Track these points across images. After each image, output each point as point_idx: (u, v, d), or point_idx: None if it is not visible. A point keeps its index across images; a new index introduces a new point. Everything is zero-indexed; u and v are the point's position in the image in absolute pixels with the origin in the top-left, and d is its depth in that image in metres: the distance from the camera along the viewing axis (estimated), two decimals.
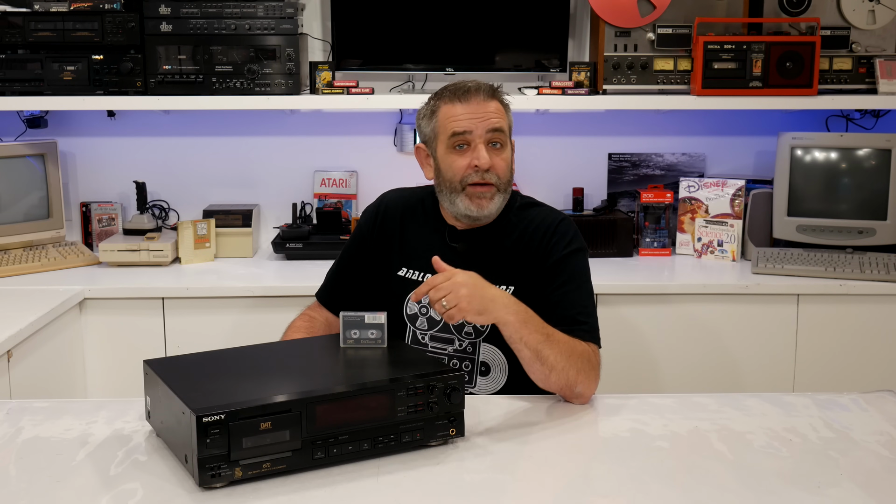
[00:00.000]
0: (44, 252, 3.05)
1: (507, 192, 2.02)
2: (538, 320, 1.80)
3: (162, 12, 2.96)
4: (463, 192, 1.97)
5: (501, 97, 2.01)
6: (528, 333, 1.77)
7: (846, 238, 3.03)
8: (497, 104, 1.98)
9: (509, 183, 2.01)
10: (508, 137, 2.00)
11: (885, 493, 1.44)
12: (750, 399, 1.84)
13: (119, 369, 2.80)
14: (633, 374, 2.85)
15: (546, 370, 1.78)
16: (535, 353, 1.77)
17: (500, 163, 1.97)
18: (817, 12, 3.01)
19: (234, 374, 1.61)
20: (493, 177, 1.96)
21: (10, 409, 1.78)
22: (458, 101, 1.95)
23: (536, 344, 1.77)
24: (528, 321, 1.78)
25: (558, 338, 1.80)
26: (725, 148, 3.40)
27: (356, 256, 2.16)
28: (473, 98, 1.95)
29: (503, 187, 1.99)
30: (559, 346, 1.78)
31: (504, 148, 1.98)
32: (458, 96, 1.96)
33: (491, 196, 1.97)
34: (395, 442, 1.54)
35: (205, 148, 3.38)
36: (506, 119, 1.99)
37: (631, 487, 1.46)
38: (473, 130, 1.94)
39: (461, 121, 1.95)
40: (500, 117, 1.97)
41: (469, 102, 1.95)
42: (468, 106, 1.95)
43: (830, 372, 2.86)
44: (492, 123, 1.95)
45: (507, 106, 2.02)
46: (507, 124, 1.99)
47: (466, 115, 1.95)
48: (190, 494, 1.42)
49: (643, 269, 3.05)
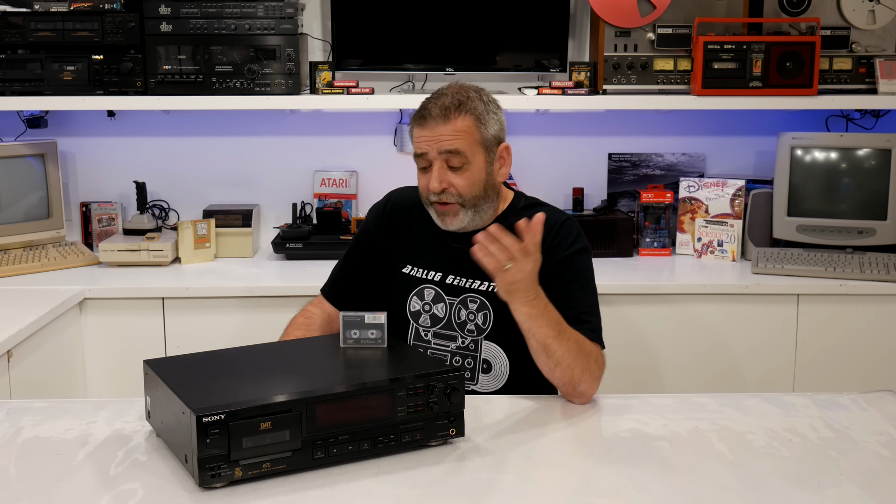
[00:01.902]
0: (44, 252, 3.05)
1: (483, 204, 2.01)
2: (553, 316, 1.81)
3: (162, 12, 2.96)
4: (432, 206, 2.02)
5: (471, 110, 1.96)
6: (538, 327, 1.78)
7: (846, 238, 3.03)
8: (461, 122, 1.94)
9: (481, 197, 2.00)
10: (478, 152, 1.97)
11: (885, 493, 1.44)
12: (750, 399, 1.84)
13: (119, 369, 2.80)
14: (634, 374, 2.85)
15: (552, 363, 1.79)
16: (543, 346, 1.79)
17: (459, 181, 1.96)
18: (817, 12, 3.01)
19: (234, 374, 1.61)
20: (450, 196, 1.98)
21: (10, 409, 1.78)
22: (417, 123, 1.99)
23: (544, 338, 1.78)
24: (542, 315, 1.79)
25: (569, 335, 1.82)
26: (725, 148, 3.40)
27: (362, 253, 2.18)
28: (430, 122, 1.96)
29: (470, 203, 1.99)
30: (568, 344, 1.80)
31: (465, 167, 1.96)
32: (417, 119, 1.99)
33: (454, 213, 1.99)
34: (395, 442, 1.54)
35: (205, 148, 3.38)
36: (471, 135, 1.95)
37: (631, 487, 1.46)
38: (428, 153, 1.97)
39: (420, 143, 1.98)
40: (458, 137, 1.94)
41: (425, 126, 1.97)
42: (424, 129, 1.97)
43: (830, 372, 2.86)
44: (444, 146, 1.95)
45: (483, 116, 1.97)
46: (469, 141, 1.95)
47: (424, 137, 1.97)
48: (190, 494, 1.42)
49: (643, 269, 3.05)
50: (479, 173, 1.98)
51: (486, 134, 1.98)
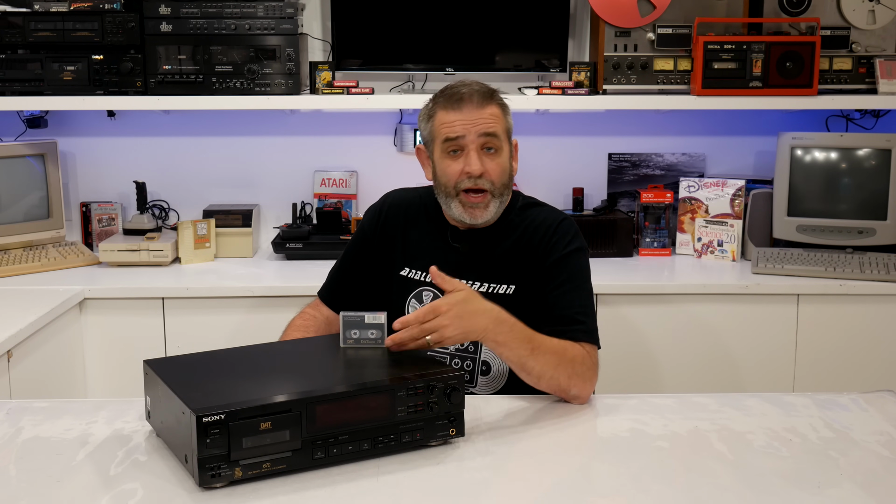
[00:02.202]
0: (44, 252, 3.05)
1: (505, 195, 2.00)
2: (523, 334, 1.76)
3: (162, 12, 2.96)
4: (457, 197, 1.97)
5: (498, 99, 1.99)
6: (508, 351, 1.75)
7: (846, 238, 3.03)
8: (493, 108, 1.96)
9: (506, 186, 2.00)
10: (506, 140, 1.99)
11: (885, 493, 1.44)
12: (750, 399, 1.84)
13: (119, 369, 2.80)
14: (633, 374, 2.85)
15: (533, 379, 1.78)
16: (520, 366, 1.77)
17: (495, 167, 1.95)
18: (817, 12, 3.01)
19: (234, 374, 1.61)
20: (486, 182, 1.95)
21: (10, 409, 1.78)
22: (452, 107, 1.95)
23: (518, 359, 1.76)
24: (511, 340, 1.74)
25: (546, 348, 1.78)
26: (725, 148, 3.40)
27: (358, 255, 2.16)
28: (466, 105, 1.94)
29: (498, 192, 1.97)
30: (545, 357, 1.77)
31: (499, 152, 1.96)
32: (451, 102, 1.95)
33: (485, 205, 1.97)
34: (395, 442, 1.54)
35: (205, 148, 3.38)
36: (502, 122, 1.98)
37: (631, 487, 1.46)
38: (466, 136, 1.94)
39: (454, 126, 1.94)
40: (495, 121, 1.95)
41: (461, 110, 1.94)
42: (461, 113, 1.94)
43: (830, 372, 2.86)
44: (485, 128, 1.94)
45: (506, 107, 2.00)
46: (502, 128, 1.97)
47: (459, 121, 1.94)
48: (190, 494, 1.42)
49: (643, 269, 3.05)
50: (507, 162, 1.99)
51: (509, 125, 2.00)
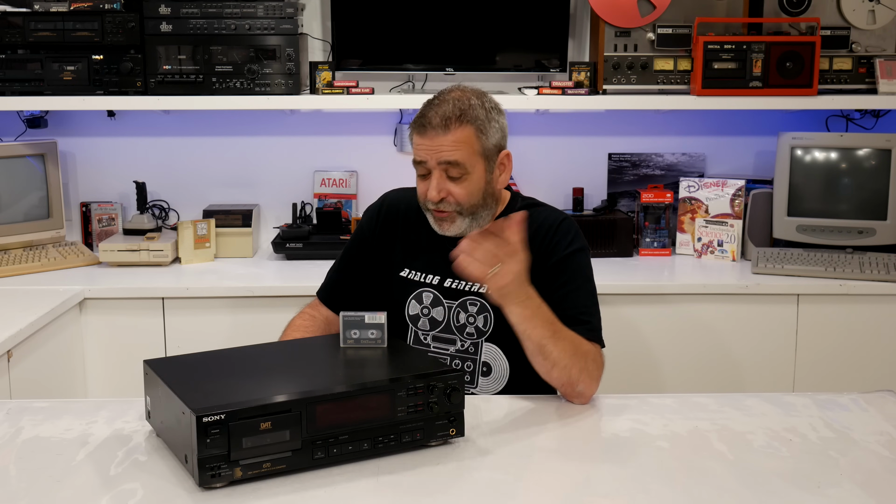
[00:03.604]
0: (44, 252, 3.05)
1: (481, 211, 2.00)
2: (548, 317, 1.79)
3: (162, 12, 2.96)
4: (429, 212, 2.01)
5: (471, 119, 1.93)
6: (533, 328, 1.76)
7: (846, 238, 3.03)
8: (460, 132, 1.92)
9: (480, 205, 1.98)
10: (478, 161, 1.95)
11: (885, 493, 1.44)
12: (750, 399, 1.84)
13: (119, 369, 2.80)
14: (634, 374, 2.85)
15: (549, 365, 1.78)
16: (539, 348, 1.77)
17: (458, 191, 1.95)
18: (817, 12, 3.01)
19: (234, 374, 1.61)
20: (448, 205, 1.96)
21: (10, 409, 1.78)
22: (417, 132, 1.96)
23: (540, 339, 1.77)
24: (536, 315, 1.77)
25: (565, 335, 1.80)
26: (725, 148, 3.40)
27: (357, 256, 2.16)
28: (430, 131, 1.93)
29: (467, 211, 1.98)
30: (564, 344, 1.78)
31: (464, 177, 1.94)
32: (417, 127, 1.96)
33: (451, 220, 1.99)
34: (395, 442, 1.54)
35: (205, 148, 3.38)
36: (470, 146, 1.93)
37: (631, 487, 1.46)
38: (427, 161, 1.95)
39: (419, 150, 1.96)
40: (457, 148, 1.92)
41: (425, 136, 1.94)
42: (425, 138, 1.94)
43: (830, 372, 2.87)
44: (446, 156, 1.92)
45: (485, 125, 1.95)
46: (469, 152, 1.93)
47: (423, 146, 1.95)
48: (190, 494, 1.42)
49: (643, 269, 3.05)
50: (479, 182, 1.97)
51: (487, 143, 1.95)
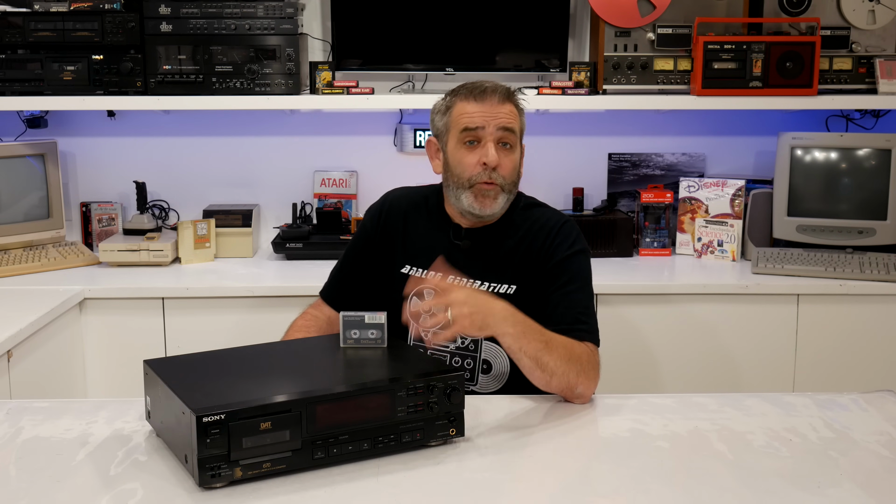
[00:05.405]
0: (44, 252, 3.05)
1: (512, 193, 2.04)
2: (536, 328, 1.79)
3: (162, 12, 2.96)
4: (469, 189, 2.00)
5: (517, 101, 2.04)
6: (527, 343, 1.76)
7: (846, 238, 3.03)
8: (511, 107, 2.01)
9: (515, 185, 2.04)
10: (519, 140, 2.03)
11: (885, 493, 1.44)
12: (750, 399, 1.84)
13: (119, 369, 2.80)
14: (633, 374, 2.85)
15: (547, 376, 1.78)
16: (535, 361, 1.77)
17: (508, 163, 1.99)
18: (817, 12, 3.01)
19: (234, 374, 1.61)
20: (498, 177, 1.98)
21: (10, 409, 1.78)
22: (474, 99, 1.99)
23: (535, 352, 1.76)
24: (527, 331, 1.77)
25: (557, 343, 1.80)
26: (725, 148, 3.40)
27: (360, 255, 2.17)
28: (489, 98, 1.98)
29: (508, 188, 2.01)
30: (558, 352, 1.78)
31: (513, 149, 2.01)
32: (473, 95, 2.00)
33: (495, 195, 1.99)
34: (395, 442, 1.54)
35: (205, 148, 3.38)
36: (518, 122, 2.03)
37: (631, 487, 1.46)
38: (485, 127, 1.97)
39: (474, 117, 1.98)
40: (513, 119, 2.00)
41: (483, 102, 1.98)
42: (482, 105, 1.98)
43: (830, 372, 2.86)
44: (504, 122, 1.98)
45: (522, 110, 2.05)
46: (518, 126, 2.02)
47: (480, 112, 1.98)
48: (190, 494, 1.42)
49: (643, 269, 3.05)
50: (518, 160, 2.04)
51: (524, 126, 2.05)
